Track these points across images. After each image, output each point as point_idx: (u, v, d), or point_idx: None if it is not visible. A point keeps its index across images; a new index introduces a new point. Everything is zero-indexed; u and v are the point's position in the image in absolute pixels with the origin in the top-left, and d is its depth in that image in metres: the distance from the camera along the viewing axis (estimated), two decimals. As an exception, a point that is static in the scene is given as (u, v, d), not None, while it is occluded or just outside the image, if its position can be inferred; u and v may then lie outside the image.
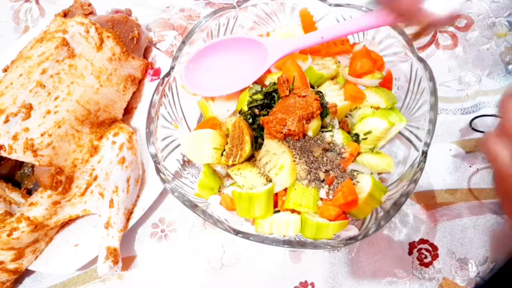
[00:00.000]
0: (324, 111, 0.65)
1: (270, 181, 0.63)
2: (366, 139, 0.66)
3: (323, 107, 0.64)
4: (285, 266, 0.72)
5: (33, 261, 0.72)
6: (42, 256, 0.73)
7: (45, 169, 0.68)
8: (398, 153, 0.68)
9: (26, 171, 0.77)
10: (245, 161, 0.66)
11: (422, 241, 0.72)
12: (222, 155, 0.65)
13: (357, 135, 0.67)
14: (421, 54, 0.88)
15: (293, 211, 0.63)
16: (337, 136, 0.64)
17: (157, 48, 0.95)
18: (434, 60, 0.88)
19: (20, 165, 0.77)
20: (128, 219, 0.74)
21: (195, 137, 0.66)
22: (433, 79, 0.61)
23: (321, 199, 0.62)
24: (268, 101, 0.67)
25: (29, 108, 0.67)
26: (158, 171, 0.62)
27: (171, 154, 0.68)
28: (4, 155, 0.65)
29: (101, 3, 0.92)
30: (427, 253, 0.71)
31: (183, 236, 0.76)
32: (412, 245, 0.72)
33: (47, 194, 0.69)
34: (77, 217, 0.76)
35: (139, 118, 0.86)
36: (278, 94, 0.67)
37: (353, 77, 0.68)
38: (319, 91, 0.69)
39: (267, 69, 0.67)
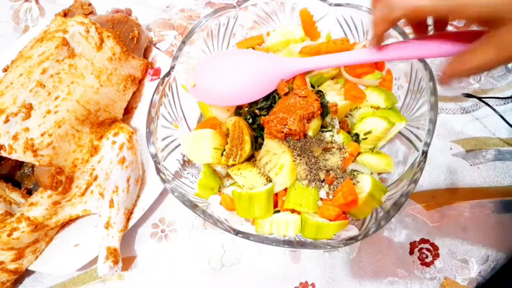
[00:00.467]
0: (324, 110, 0.65)
1: (270, 181, 0.63)
2: (366, 139, 0.66)
3: (323, 107, 0.64)
4: (285, 266, 0.72)
5: (33, 261, 0.72)
6: (42, 256, 0.73)
7: (45, 169, 0.68)
8: (398, 153, 0.68)
9: (26, 171, 0.77)
10: (245, 161, 0.66)
11: (423, 240, 0.72)
12: (222, 155, 0.65)
13: (357, 135, 0.67)
14: (421, 53, 0.88)
15: (293, 211, 0.63)
16: (337, 136, 0.64)
17: (157, 48, 0.95)
18: (434, 59, 0.87)
19: (20, 165, 0.77)
20: (128, 219, 0.74)
21: (195, 137, 0.66)
22: (433, 79, 0.61)
23: (321, 199, 0.62)
24: (268, 101, 0.67)
25: (29, 108, 0.67)
26: (158, 171, 0.62)
27: (171, 154, 0.68)
28: (4, 155, 0.65)
29: (101, 3, 0.92)
30: (428, 253, 0.71)
31: (183, 236, 0.76)
32: (413, 245, 0.72)
33: (47, 194, 0.69)
34: (77, 217, 0.76)
35: (139, 118, 0.86)
36: (278, 94, 0.67)
37: (353, 77, 0.68)
38: (320, 90, 0.68)
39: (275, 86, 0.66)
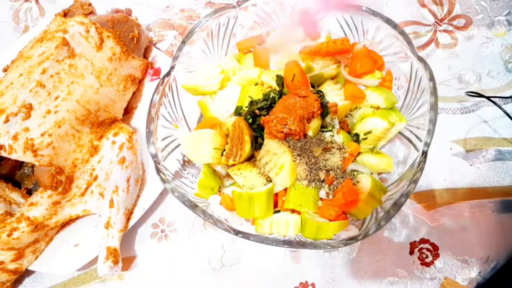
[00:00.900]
0: (324, 110, 0.65)
1: (270, 181, 0.63)
2: (366, 139, 0.66)
3: (323, 107, 0.64)
4: (285, 266, 0.72)
5: (33, 261, 0.72)
6: (42, 256, 0.73)
7: (45, 169, 0.68)
8: (398, 153, 0.68)
9: (26, 171, 0.77)
10: (245, 161, 0.66)
11: (423, 240, 0.72)
12: (222, 155, 0.65)
13: (357, 135, 0.67)
14: (420, 53, 0.88)
15: (293, 211, 0.63)
16: (337, 136, 0.64)
17: (157, 48, 0.95)
18: (434, 59, 0.88)
19: (20, 165, 0.77)
20: (128, 219, 0.74)
21: (195, 137, 0.66)
22: (433, 78, 0.61)
23: (321, 199, 0.62)
24: (268, 101, 0.67)
25: (29, 108, 0.67)
26: (158, 171, 0.62)
27: (171, 154, 0.68)
28: (4, 155, 0.65)
29: (101, 3, 0.92)
30: (428, 253, 0.71)
31: (183, 236, 0.76)
32: (413, 245, 0.72)
33: (47, 194, 0.69)
34: (77, 217, 0.76)
35: (139, 118, 0.86)
36: (278, 94, 0.67)
37: (353, 77, 0.69)
38: (320, 90, 0.68)
39: None
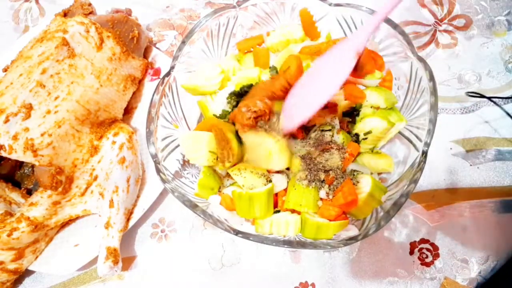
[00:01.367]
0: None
1: (270, 181, 0.63)
2: (366, 139, 0.66)
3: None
4: (285, 266, 0.72)
5: (33, 261, 0.72)
6: (42, 256, 0.73)
7: (45, 169, 0.68)
8: (398, 153, 0.68)
9: (26, 171, 0.77)
10: (241, 160, 0.66)
11: (423, 240, 0.72)
12: (217, 159, 0.65)
13: (357, 135, 0.67)
14: (420, 53, 0.88)
15: (293, 211, 0.63)
16: (336, 136, 0.64)
17: (157, 48, 0.95)
18: (433, 59, 0.88)
19: (20, 165, 0.77)
20: (128, 219, 0.74)
21: (193, 137, 0.66)
22: (433, 79, 0.61)
23: (321, 199, 0.62)
24: (240, 97, 0.68)
25: (29, 108, 0.67)
26: (158, 171, 0.62)
27: (171, 154, 0.68)
28: (4, 155, 0.65)
29: (101, 3, 0.92)
30: (428, 253, 0.71)
31: (183, 236, 0.76)
32: (413, 245, 0.72)
33: (47, 194, 0.69)
34: (77, 217, 0.76)
35: (139, 118, 0.86)
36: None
37: (353, 77, 0.68)
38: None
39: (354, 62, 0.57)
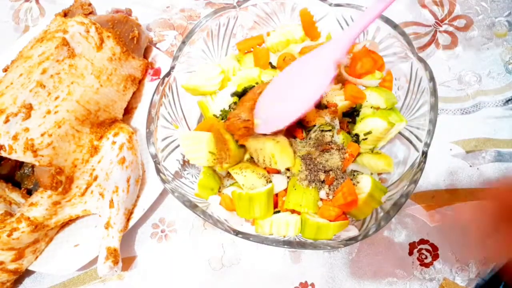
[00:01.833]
0: None
1: (270, 181, 0.63)
2: (366, 139, 0.66)
3: None
4: (285, 266, 0.72)
5: (33, 261, 0.72)
6: (42, 256, 0.73)
7: (45, 169, 0.68)
8: (398, 154, 0.68)
9: (26, 171, 0.77)
10: (242, 160, 0.66)
11: (422, 241, 0.72)
12: (216, 160, 0.66)
13: (357, 136, 0.67)
14: (421, 54, 0.88)
15: (293, 212, 0.63)
16: (337, 136, 0.64)
17: (157, 48, 0.95)
18: (434, 59, 0.88)
19: (20, 165, 0.77)
20: (128, 219, 0.74)
21: (193, 138, 0.66)
22: (433, 79, 0.61)
23: (321, 199, 0.62)
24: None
25: (29, 108, 0.67)
26: (158, 171, 0.62)
27: (171, 154, 0.68)
28: (4, 155, 0.65)
29: (101, 3, 0.92)
30: (427, 254, 0.71)
31: (183, 236, 0.76)
32: (412, 246, 0.72)
33: (47, 194, 0.69)
34: (77, 217, 0.76)
35: (139, 118, 0.86)
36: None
37: (353, 77, 0.68)
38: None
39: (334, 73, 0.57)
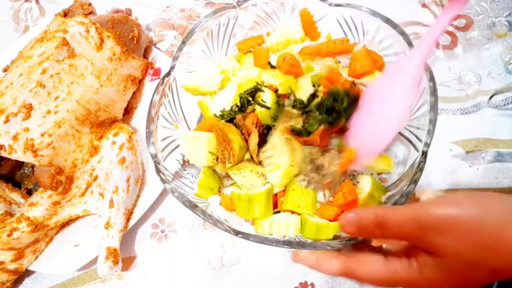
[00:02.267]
0: None
1: (268, 181, 0.63)
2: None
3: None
4: (285, 266, 0.72)
5: (33, 261, 0.72)
6: (42, 256, 0.73)
7: (45, 169, 0.68)
8: (398, 153, 0.68)
9: (26, 171, 0.77)
10: (242, 160, 0.66)
11: (422, 241, 0.72)
12: (217, 160, 0.65)
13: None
14: (421, 54, 0.88)
15: (292, 212, 0.63)
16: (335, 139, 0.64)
17: (157, 48, 0.94)
18: (434, 60, 0.88)
19: (20, 165, 0.77)
20: (128, 219, 0.74)
21: (193, 137, 0.66)
22: (433, 79, 0.61)
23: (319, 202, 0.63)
24: (242, 104, 0.67)
25: (29, 108, 0.67)
26: (158, 171, 0.62)
27: (171, 154, 0.68)
28: (4, 155, 0.65)
29: (101, 3, 0.92)
30: (427, 253, 0.71)
31: (183, 236, 0.76)
32: (412, 245, 0.72)
33: (47, 194, 0.69)
34: (77, 217, 0.76)
35: (139, 118, 0.86)
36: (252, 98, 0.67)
37: (353, 77, 0.68)
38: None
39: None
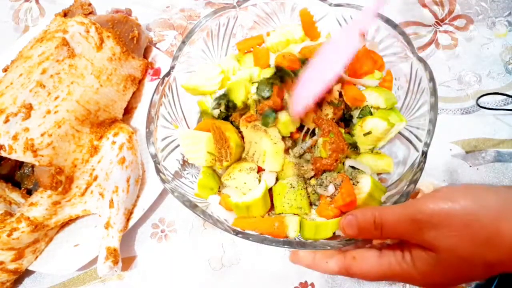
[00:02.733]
0: None
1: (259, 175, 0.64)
2: (369, 133, 0.66)
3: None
4: (285, 266, 0.72)
5: (33, 261, 0.72)
6: (42, 256, 0.73)
7: (45, 169, 0.68)
8: (398, 153, 0.68)
9: (26, 171, 0.77)
10: (238, 159, 0.66)
11: (422, 241, 0.72)
12: (215, 160, 0.66)
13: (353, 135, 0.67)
14: (420, 53, 0.88)
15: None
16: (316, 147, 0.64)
17: (157, 48, 0.95)
18: (434, 60, 0.88)
19: (20, 165, 0.77)
20: (128, 219, 0.74)
21: (192, 137, 0.66)
22: (433, 79, 0.61)
23: (313, 204, 0.63)
24: (230, 101, 0.68)
25: (29, 108, 0.67)
26: (158, 171, 0.62)
27: (171, 154, 0.68)
28: (4, 155, 0.65)
29: (101, 3, 0.92)
30: (427, 253, 0.71)
31: (183, 236, 0.76)
32: (412, 245, 0.72)
33: (47, 194, 0.69)
34: (77, 217, 0.76)
35: (139, 118, 0.86)
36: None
37: (353, 78, 0.68)
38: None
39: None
